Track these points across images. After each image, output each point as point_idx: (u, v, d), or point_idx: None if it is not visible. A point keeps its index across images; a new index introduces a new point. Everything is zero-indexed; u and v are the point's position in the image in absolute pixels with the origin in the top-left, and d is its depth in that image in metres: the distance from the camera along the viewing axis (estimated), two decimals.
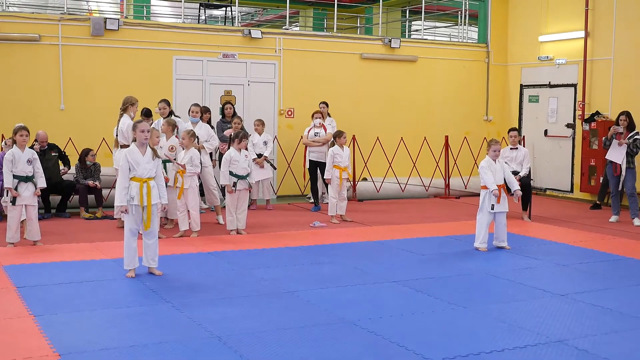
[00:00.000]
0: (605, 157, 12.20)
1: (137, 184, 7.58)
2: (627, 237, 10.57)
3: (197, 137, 10.64)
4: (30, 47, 12.70)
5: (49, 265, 8.13)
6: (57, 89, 12.90)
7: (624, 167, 11.84)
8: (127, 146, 10.24)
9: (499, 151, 9.51)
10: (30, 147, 10.02)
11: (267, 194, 13.13)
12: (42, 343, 5.45)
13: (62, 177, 11.63)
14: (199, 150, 11.14)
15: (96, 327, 5.99)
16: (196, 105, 11.53)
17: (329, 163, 11.58)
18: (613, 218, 12.08)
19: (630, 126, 12.04)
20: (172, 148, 10.34)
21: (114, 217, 10.80)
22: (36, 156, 9.30)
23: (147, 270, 7.80)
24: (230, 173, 10.18)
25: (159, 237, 9.77)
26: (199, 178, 10.57)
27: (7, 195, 9.13)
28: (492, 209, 9.24)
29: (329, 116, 13.52)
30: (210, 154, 11.58)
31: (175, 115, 11.36)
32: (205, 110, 11.77)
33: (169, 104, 11.37)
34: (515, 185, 9.65)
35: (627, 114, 12.08)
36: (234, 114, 12.82)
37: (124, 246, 7.72)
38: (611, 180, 12.15)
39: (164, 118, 11.06)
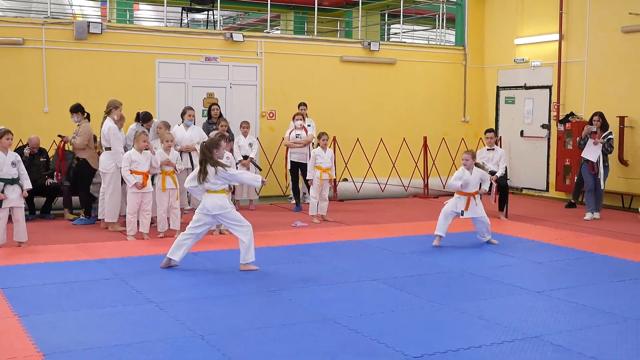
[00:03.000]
0: (581, 155, 12.32)
1: None
2: (601, 235, 10.65)
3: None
4: (14, 51, 12.60)
5: (34, 266, 8.07)
6: (41, 92, 12.81)
7: (600, 165, 11.99)
8: (109, 149, 10.24)
9: (466, 160, 9.67)
10: (17, 150, 9.98)
11: (251, 194, 13.13)
12: (27, 343, 5.41)
13: (46, 183, 11.49)
14: (190, 153, 11.12)
15: (80, 327, 5.94)
16: (192, 109, 11.48)
17: (311, 164, 11.60)
18: (588, 215, 12.18)
19: (604, 126, 12.22)
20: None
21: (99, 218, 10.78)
22: (19, 158, 9.23)
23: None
24: None
25: (144, 238, 9.80)
26: None
27: None
28: (462, 215, 9.49)
29: (307, 117, 13.50)
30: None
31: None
32: (183, 113, 11.71)
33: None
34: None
35: (600, 115, 12.26)
36: (220, 115, 12.77)
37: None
38: (587, 177, 12.25)
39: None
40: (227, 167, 7.88)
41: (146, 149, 9.79)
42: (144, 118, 11.20)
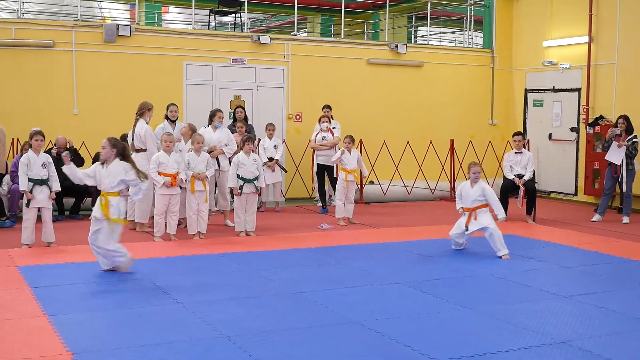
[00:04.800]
0: (605, 158, 12.28)
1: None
2: (631, 240, 10.52)
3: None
4: (45, 53, 12.75)
5: (63, 266, 8.16)
6: (70, 93, 12.95)
7: (623, 168, 11.95)
8: (144, 150, 10.30)
9: (478, 174, 9.22)
10: (47, 151, 10.10)
11: (277, 196, 13.17)
12: (56, 342, 5.47)
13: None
14: (217, 157, 11.15)
15: (109, 327, 6.00)
16: (221, 111, 11.53)
17: (337, 156, 11.70)
18: (596, 217, 12.28)
19: (629, 129, 12.18)
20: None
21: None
22: (51, 160, 9.35)
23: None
24: (238, 176, 10.19)
25: (171, 239, 9.85)
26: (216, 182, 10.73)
27: (22, 198, 9.19)
28: (467, 230, 9.13)
29: (333, 119, 13.50)
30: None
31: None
32: (213, 115, 11.73)
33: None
34: (500, 213, 9.28)
35: (625, 117, 12.25)
36: (245, 117, 12.81)
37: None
38: (609, 180, 12.25)
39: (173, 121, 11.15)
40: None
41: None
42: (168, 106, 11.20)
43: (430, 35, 19.78)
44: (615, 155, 12.06)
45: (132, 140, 10.39)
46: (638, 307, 6.79)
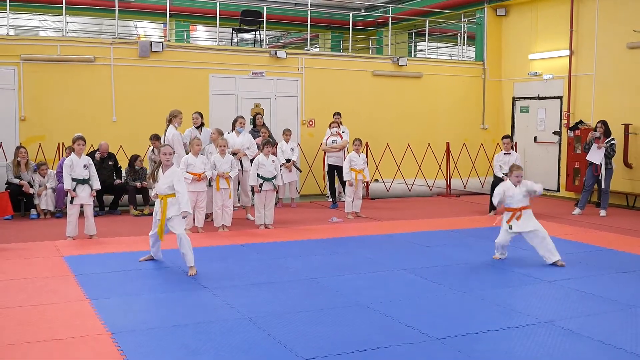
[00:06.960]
0: (586, 159, 12.22)
1: None
2: (607, 231, 10.47)
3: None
4: (87, 67, 12.80)
5: (103, 256, 8.18)
6: (109, 103, 12.99)
7: (602, 167, 11.90)
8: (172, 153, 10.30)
9: (521, 177, 8.11)
10: (89, 154, 10.14)
11: (292, 193, 13.17)
12: (97, 323, 5.49)
13: (115, 184, 11.67)
14: (240, 159, 11.14)
15: (143, 309, 6.01)
16: (243, 117, 11.53)
17: (346, 166, 11.58)
18: (577, 211, 12.21)
19: (607, 133, 12.13)
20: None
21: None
22: (91, 162, 9.37)
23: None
24: (258, 175, 10.20)
25: (199, 231, 9.85)
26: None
27: (67, 196, 9.23)
28: (511, 228, 8.03)
29: (342, 124, 13.47)
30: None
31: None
32: (235, 121, 11.72)
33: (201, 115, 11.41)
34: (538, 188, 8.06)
35: (603, 122, 12.20)
36: (263, 124, 12.82)
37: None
38: (590, 179, 12.18)
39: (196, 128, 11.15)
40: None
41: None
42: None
43: (428, 49, 19.69)
44: (596, 156, 12.02)
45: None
46: (614, 290, 6.75)
